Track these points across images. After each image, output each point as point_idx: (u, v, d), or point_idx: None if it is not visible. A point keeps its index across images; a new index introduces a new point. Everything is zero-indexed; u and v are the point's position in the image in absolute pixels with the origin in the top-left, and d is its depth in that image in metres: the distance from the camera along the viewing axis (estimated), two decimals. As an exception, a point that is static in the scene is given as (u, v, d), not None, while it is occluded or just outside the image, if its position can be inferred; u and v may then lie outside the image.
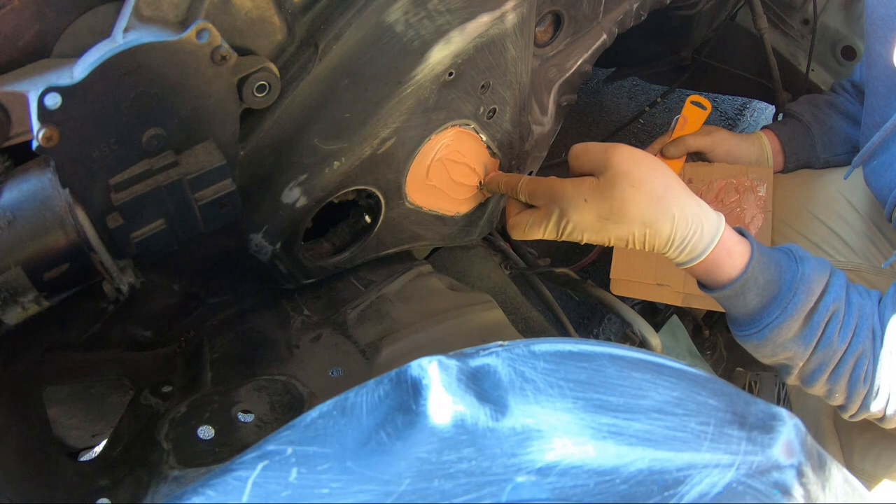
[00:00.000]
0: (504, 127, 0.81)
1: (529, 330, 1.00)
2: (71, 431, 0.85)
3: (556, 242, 0.76)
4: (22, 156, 0.51)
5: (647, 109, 1.78)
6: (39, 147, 0.47)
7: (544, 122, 0.92)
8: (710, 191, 1.16)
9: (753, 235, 0.78)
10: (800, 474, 0.38)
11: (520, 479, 0.34)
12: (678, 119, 1.17)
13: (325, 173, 0.69)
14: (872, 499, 0.91)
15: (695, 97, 1.17)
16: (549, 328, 1.03)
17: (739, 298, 0.74)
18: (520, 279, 1.10)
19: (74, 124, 0.48)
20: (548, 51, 0.93)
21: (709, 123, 1.19)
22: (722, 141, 1.16)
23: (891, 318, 0.74)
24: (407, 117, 0.70)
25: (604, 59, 1.07)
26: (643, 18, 1.03)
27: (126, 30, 0.49)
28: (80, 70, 0.47)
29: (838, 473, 0.41)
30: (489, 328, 0.80)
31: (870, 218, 1.11)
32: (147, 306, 0.77)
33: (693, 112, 1.17)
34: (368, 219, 0.81)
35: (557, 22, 0.91)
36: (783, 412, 0.41)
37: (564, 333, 1.04)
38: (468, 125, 0.77)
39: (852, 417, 0.80)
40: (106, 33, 0.50)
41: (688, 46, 1.50)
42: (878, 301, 0.77)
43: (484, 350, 0.41)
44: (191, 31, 0.48)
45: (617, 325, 1.89)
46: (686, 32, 1.42)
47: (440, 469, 0.34)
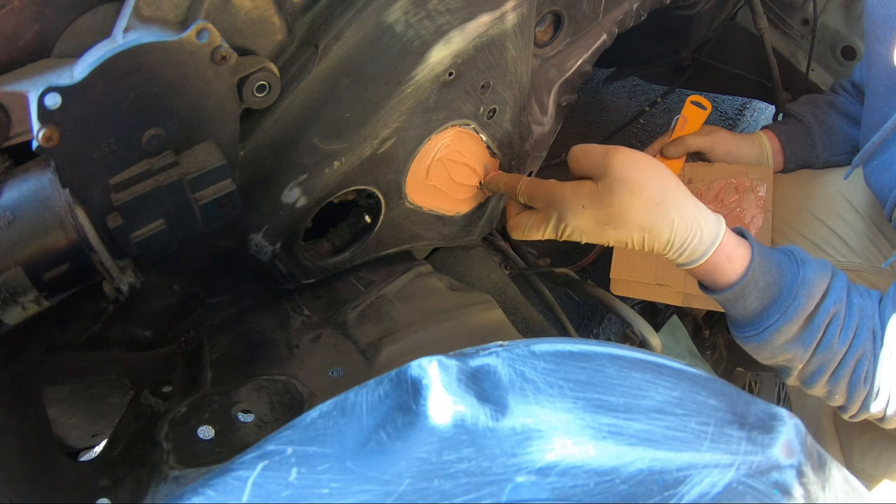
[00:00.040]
0: (504, 127, 0.81)
1: (529, 330, 1.00)
2: (71, 431, 0.85)
3: (557, 242, 0.76)
4: (22, 156, 0.51)
5: (647, 109, 1.77)
6: (39, 147, 0.47)
7: (544, 122, 0.92)
8: (710, 191, 1.16)
9: (753, 235, 0.78)
10: (800, 474, 0.38)
11: (520, 479, 0.34)
12: (678, 119, 1.17)
13: (325, 173, 0.69)
14: (872, 499, 0.91)
15: (695, 97, 1.17)
16: (549, 328, 1.03)
17: (739, 301, 0.74)
18: (520, 279, 1.10)
19: (74, 124, 0.48)
20: (548, 51, 0.93)
21: (709, 123, 1.19)
22: (722, 141, 1.16)
23: (891, 319, 0.73)
24: (407, 117, 0.70)
25: (604, 59, 1.07)
26: (643, 18, 1.03)
27: (126, 30, 0.49)
28: (80, 70, 0.47)
29: (838, 473, 0.41)
30: (489, 328, 0.80)
31: (870, 218, 1.11)
32: (147, 306, 0.77)
33: (693, 112, 1.17)
34: (368, 219, 0.81)
35: (557, 22, 0.91)
36: (783, 412, 0.41)
37: (564, 333, 1.04)
38: (468, 125, 0.77)
39: (852, 418, 0.80)
40: (106, 33, 0.50)
41: (688, 46, 1.50)
42: (879, 301, 0.77)
43: (484, 350, 0.40)
44: (191, 31, 0.48)
45: (617, 325, 1.89)
46: (686, 32, 1.42)
47: (440, 469, 0.34)
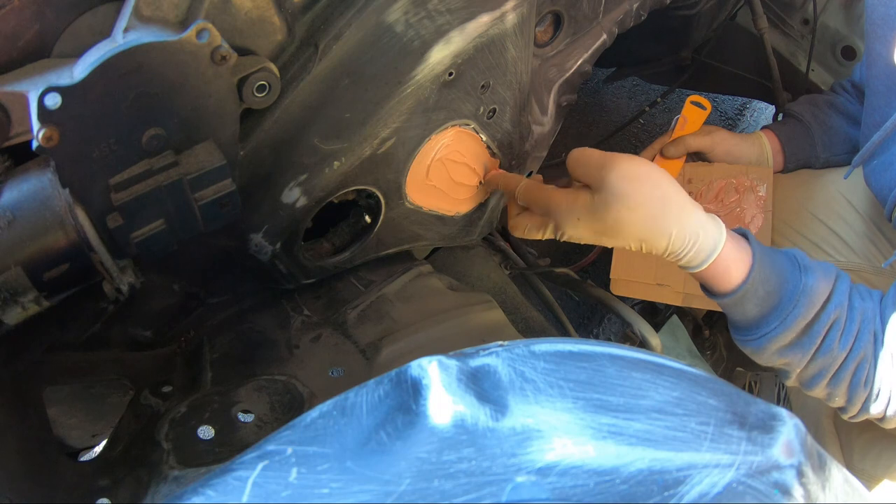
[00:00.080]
0: (504, 127, 0.81)
1: (529, 330, 1.00)
2: (71, 431, 0.85)
3: (557, 242, 0.76)
4: (22, 156, 0.51)
5: (647, 109, 1.77)
6: (39, 147, 0.47)
7: (544, 122, 0.92)
8: (710, 191, 1.16)
9: (753, 235, 0.78)
10: (800, 474, 0.38)
11: (520, 479, 0.34)
12: (678, 119, 1.17)
13: (325, 173, 0.69)
14: (872, 499, 0.91)
15: (695, 97, 1.17)
16: (549, 328, 1.03)
17: (738, 307, 0.74)
18: (520, 279, 1.10)
19: (74, 124, 0.48)
20: (548, 51, 0.93)
21: (709, 123, 1.19)
22: (722, 141, 1.16)
23: (891, 319, 0.73)
24: (407, 117, 0.70)
25: (604, 59, 1.07)
26: (643, 18, 1.03)
27: (126, 30, 0.49)
28: (80, 70, 0.47)
29: (838, 473, 0.41)
30: (489, 328, 0.80)
31: (870, 218, 1.11)
32: (147, 306, 0.77)
33: (693, 112, 1.17)
34: (368, 219, 0.81)
35: (557, 22, 0.91)
36: (783, 412, 0.41)
37: (564, 333, 1.04)
38: (468, 125, 0.77)
39: (853, 419, 0.80)
40: (106, 33, 0.50)
41: (688, 46, 1.50)
42: (880, 301, 0.77)
43: (484, 350, 0.40)
44: (191, 31, 0.48)
45: (617, 325, 1.89)
46: (686, 32, 1.42)
47: (440, 469, 0.34)
